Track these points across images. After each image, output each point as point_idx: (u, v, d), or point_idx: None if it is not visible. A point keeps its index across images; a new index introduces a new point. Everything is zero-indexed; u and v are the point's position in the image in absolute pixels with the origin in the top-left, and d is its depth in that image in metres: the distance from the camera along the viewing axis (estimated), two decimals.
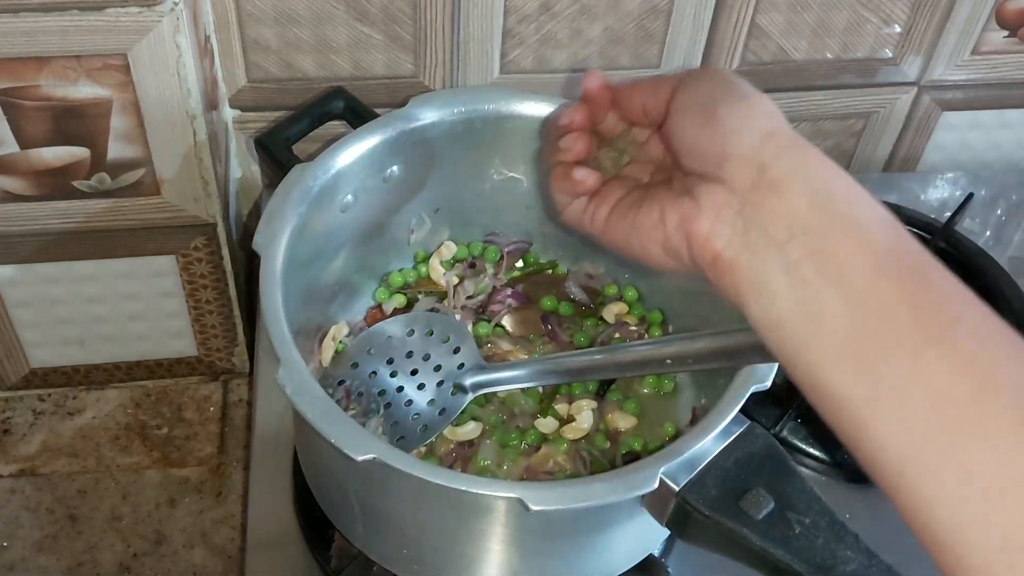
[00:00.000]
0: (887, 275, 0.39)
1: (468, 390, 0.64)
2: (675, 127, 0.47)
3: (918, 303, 0.39)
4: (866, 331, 0.39)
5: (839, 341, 0.39)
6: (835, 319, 0.39)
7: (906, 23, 0.82)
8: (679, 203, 0.45)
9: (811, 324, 0.40)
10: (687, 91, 0.48)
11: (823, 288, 0.40)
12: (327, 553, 0.66)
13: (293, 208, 0.60)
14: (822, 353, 0.39)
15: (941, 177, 0.92)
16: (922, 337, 0.38)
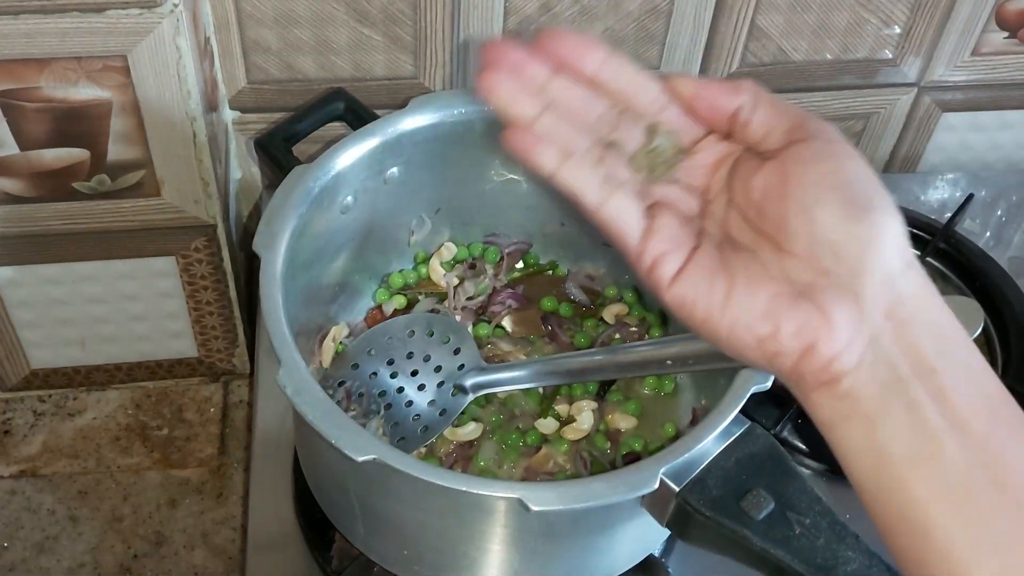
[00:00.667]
0: (999, 423, 0.40)
1: (468, 391, 0.64)
2: (807, 200, 0.41)
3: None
4: (979, 477, 0.39)
5: (950, 483, 0.39)
6: (951, 461, 0.39)
7: (906, 24, 0.82)
8: (800, 308, 0.40)
9: (923, 463, 0.40)
10: (822, 158, 0.41)
11: (944, 432, 0.39)
12: (327, 554, 0.67)
13: (293, 209, 0.60)
14: (929, 491, 0.40)
15: (941, 178, 0.92)
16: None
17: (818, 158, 0.41)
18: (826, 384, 0.41)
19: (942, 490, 0.39)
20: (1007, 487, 0.39)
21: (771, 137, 0.43)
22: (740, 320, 0.42)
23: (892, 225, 0.40)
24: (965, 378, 0.40)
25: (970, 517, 0.39)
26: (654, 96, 0.46)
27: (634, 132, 0.46)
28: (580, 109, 0.46)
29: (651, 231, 0.44)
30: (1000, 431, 0.40)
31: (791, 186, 0.41)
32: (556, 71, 0.46)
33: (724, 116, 0.45)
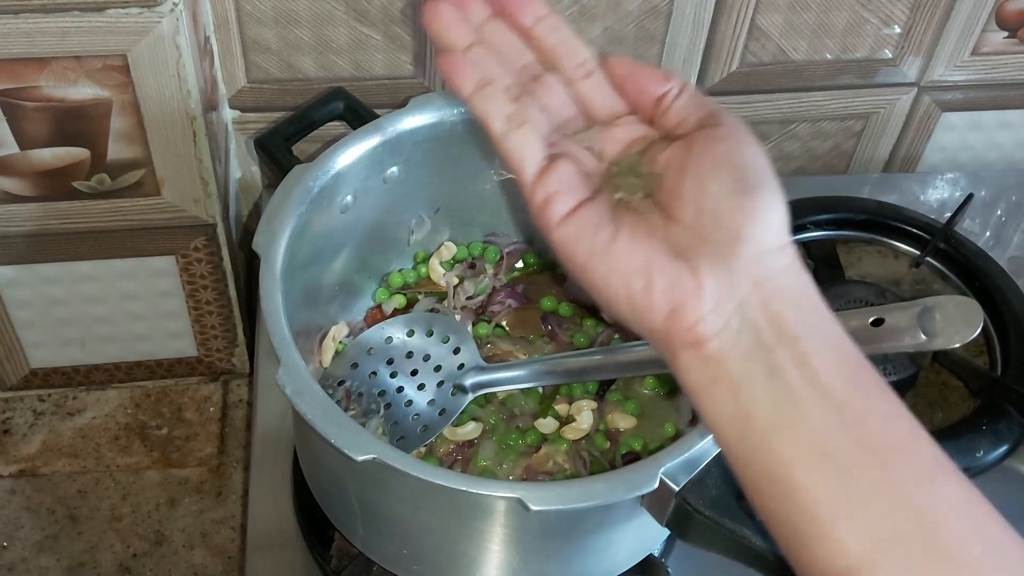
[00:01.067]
0: (860, 387, 0.42)
1: (468, 390, 0.64)
2: (702, 173, 0.43)
3: (887, 414, 0.42)
4: (842, 438, 0.41)
5: (814, 444, 0.41)
6: (814, 423, 0.41)
7: (906, 24, 0.82)
8: (674, 267, 0.42)
9: (787, 426, 0.41)
10: (724, 140, 0.44)
11: (805, 395, 0.41)
12: (327, 553, 0.67)
13: (293, 209, 0.60)
14: (793, 452, 0.41)
15: (941, 178, 0.92)
16: (892, 449, 0.41)
17: (721, 140, 0.44)
18: (691, 346, 0.42)
19: (806, 451, 0.41)
20: (868, 446, 0.41)
21: (685, 123, 0.46)
22: (616, 269, 0.44)
23: (775, 205, 0.43)
24: (826, 346, 0.42)
25: (833, 476, 0.40)
26: (582, 61, 0.48)
27: (555, 90, 0.48)
28: (509, 53, 0.48)
29: (549, 170, 0.46)
30: (860, 394, 0.41)
31: (691, 160, 0.44)
32: (495, 15, 0.48)
33: (650, 100, 0.47)
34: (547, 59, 0.48)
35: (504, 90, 0.47)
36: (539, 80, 0.48)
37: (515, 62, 0.48)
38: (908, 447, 0.42)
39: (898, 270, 0.85)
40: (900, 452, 0.41)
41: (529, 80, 0.48)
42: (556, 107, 0.48)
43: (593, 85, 0.48)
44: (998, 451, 0.72)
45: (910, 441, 0.42)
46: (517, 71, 0.48)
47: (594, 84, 0.48)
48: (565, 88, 0.48)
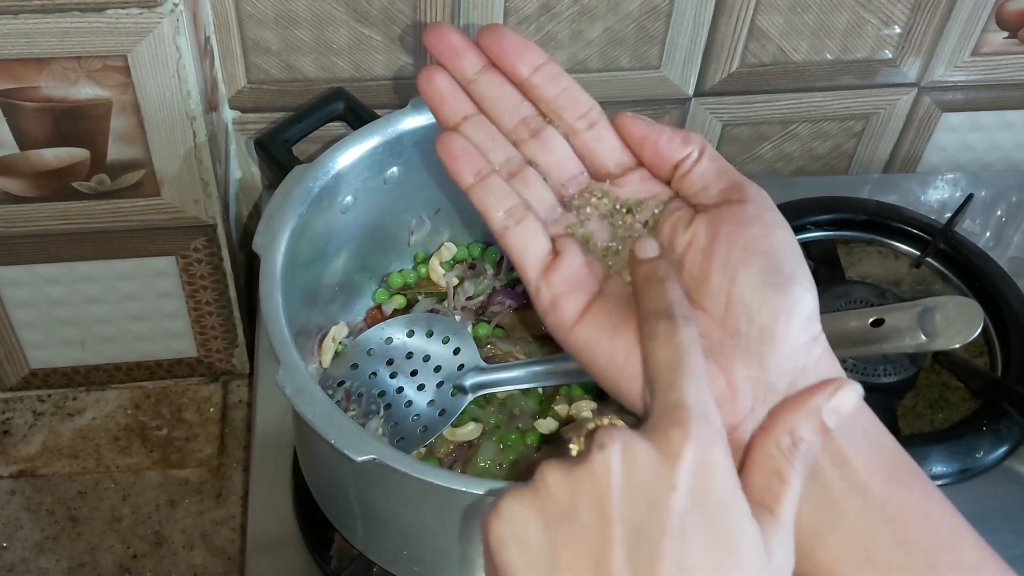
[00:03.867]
0: (900, 483, 0.41)
1: (468, 391, 0.64)
2: (732, 261, 0.41)
3: (927, 511, 0.41)
4: (883, 538, 0.40)
5: (856, 547, 0.40)
6: (854, 524, 0.40)
7: (906, 24, 0.82)
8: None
9: (829, 529, 0.40)
10: (753, 222, 0.41)
11: (845, 496, 0.40)
12: (327, 554, 0.66)
13: (293, 209, 0.60)
14: (836, 556, 0.40)
15: (941, 178, 0.92)
16: (931, 545, 0.40)
17: (750, 222, 0.42)
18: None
19: (848, 554, 0.40)
20: (909, 545, 0.40)
21: (707, 192, 0.43)
22: (631, 367, 0.42)
23: (807, 298, 0.41)
24: (864, 441, 0.41)
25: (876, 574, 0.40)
26: (585, 111, 0.46)
27: (556, 146, 0.46)
28: (506, 108, 0.46)
29: (553, 267, 0.44)
30: (899, 490, 0.41)
31: (719, 244, 0.41)
32: (490, 66, 0.47)
33: (667, 164, 0.45)
34: (547, 111, 0.46)
35: (499, 174, 0.46)
36: (539, 136, 0.46)
37: (513, 116, 0.46)
38: (950, 544, 0.41)
39: (898, 270, 0.85)
40: (942, 550, 0.40)
41: (529, 136, 0.46)
42: (559, 164, 0.46)
43: (598, 137, 0.46)
44: (998, 451, 0.72)
45: (952, 537, 0.41)
46: (515, 128, 0.46)
47: (599, 136, 0.46)
48: (567, 141, 0.46)
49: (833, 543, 0.40)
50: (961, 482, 0.72)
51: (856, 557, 0.40)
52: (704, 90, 0.84)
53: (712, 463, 0.36)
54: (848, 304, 0.78)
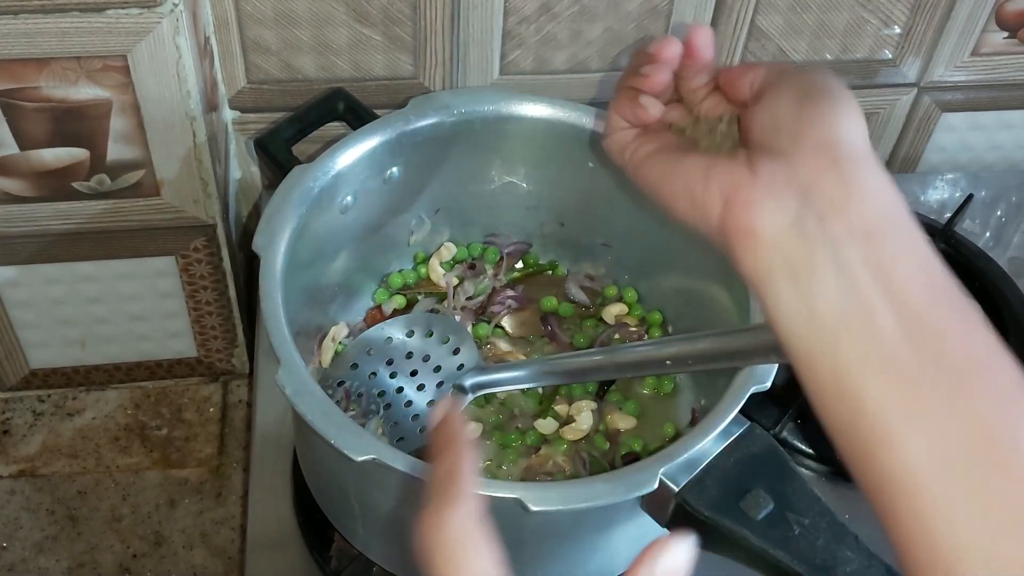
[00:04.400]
0: (941, 303, 0.40)
1: (468, 391, 0.64)
2: (767, 100, 0.45)
3: (968, 332, 0.40)
4: (915, 351, 0.39)
5: (884, 353, 0.39)
6: (884, 331, 0.39)
7: (906, 24, 0.82)
8: (732, 166, 0.44)
9: (855, 329, 0.39)
10: (792, 77, 0.46)
11: (876, 298, 0.39)
12: (327, 554, 0.67)
13: (293, 209, 0.60)
14: (862, 359, 0.39)
15: (941, 178, 0.92)
16: (969, 367, 0.39)
17: (794, 71, 0.46)
18: (746, 233, 0.42)
19: (875, 358, 0.39)
20: (943, 362, 0.39)
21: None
22: (681, 181, 0.46)
23: (839, 104, 0.43)
24: (905, 250, 0.41)
25: (903, 388, 0.39)
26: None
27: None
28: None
29: (643, 133, 0.53)
30: (940, 309, 0.40)
31: (767, 94, 0.46)
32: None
33: (745, 90, 0.49)
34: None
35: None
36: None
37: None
38: (987, 365, 0.39)
39: None
40: (978, 371, 0.39)
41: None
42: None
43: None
44: None
45: (990, 359, 0.40)
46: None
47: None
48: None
49: (858, 341, 0.39)
50: None
51: (882, 363, 0.39)
52: None
53: None
54: None
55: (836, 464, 0.72)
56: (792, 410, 0.73)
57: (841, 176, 0.41)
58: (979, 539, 0.37)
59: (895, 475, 0.38)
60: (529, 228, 0.74)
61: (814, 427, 0.72)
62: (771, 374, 0.55)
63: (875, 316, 0.39)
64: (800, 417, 0.73)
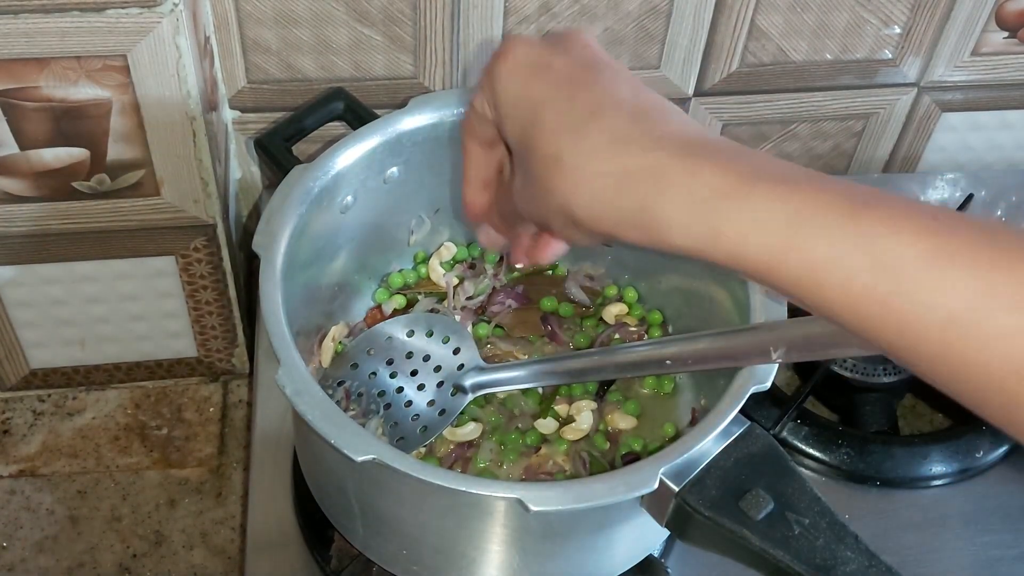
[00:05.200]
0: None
1: (468, 391, 0.64)
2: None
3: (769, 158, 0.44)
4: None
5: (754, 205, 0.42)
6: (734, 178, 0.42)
7: (906, 24, 0.82)
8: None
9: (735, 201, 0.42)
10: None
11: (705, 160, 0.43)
12: (327, 554, 0.67)
13: (293, 209, 0.60)
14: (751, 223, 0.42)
15: (941, 178, 0.92)
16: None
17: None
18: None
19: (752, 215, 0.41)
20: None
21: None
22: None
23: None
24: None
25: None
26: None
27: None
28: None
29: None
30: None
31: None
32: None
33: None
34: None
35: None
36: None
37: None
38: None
39: None
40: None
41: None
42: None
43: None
44: (998, 451, 0.72)
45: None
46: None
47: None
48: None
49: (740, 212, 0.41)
50: (961, 482, 0.72)
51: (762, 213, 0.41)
52: (704, 90, 0.84)
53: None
54: None
55: (836, 463, 0.72)
56: (792, 410, 0.73)
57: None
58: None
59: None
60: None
61: (814, 427, 0.73)
62: (771, 374, 0.55)
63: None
64: (800, 417, 0.73)
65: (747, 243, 0.41)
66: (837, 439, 0.72)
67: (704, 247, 0.42)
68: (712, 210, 0.42)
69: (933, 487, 0.72)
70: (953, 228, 0.38)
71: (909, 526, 0.70)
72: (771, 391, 0.56)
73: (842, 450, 0.72)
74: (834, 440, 0.72)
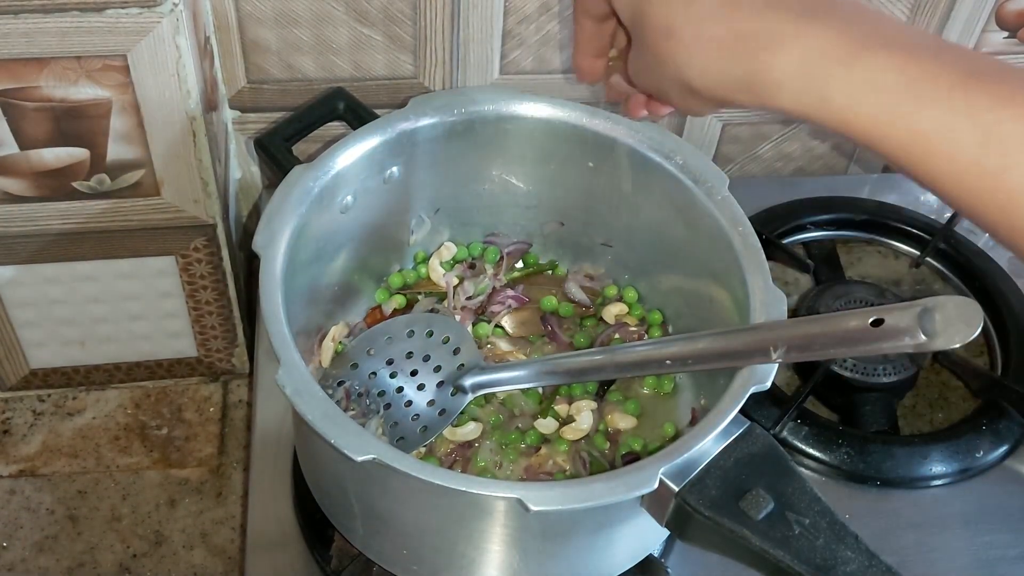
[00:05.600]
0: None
1: (468, 391, 0.64)
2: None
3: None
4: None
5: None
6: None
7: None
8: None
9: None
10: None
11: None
12: (327, 553, 0.67)
13: (293, 209, 0.60)
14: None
15: None
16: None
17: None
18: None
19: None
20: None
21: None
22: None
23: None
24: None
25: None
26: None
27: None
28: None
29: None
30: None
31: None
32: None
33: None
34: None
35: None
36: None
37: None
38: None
39: (898, 270, 0.85)
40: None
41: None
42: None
43: None
44: (998, 451, 0.72)
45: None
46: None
47: None
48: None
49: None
50: (961, 482, 0.72)
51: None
52: None
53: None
54: (848, 304, 0.78)
55: (836, 463, 0.72)
56: (792, 410, 0.73)
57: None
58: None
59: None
60: (529, 228, 0.74)
61: (814, 427, 0.73)
62: (771, 374, 0.55)
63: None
64: (800, 417, 0.73)
65: (856, 110, 0.41)
66: (837, 439, 0.72)
67: (814, 111, 0.42)
68: (822, 74, 0.41)
69: (933, 487, 0.72)
70: None
71: (909, 526, 0.70)
72: (771, 391, 0.56)
73: (842, 450, 0.72)
74: (834, 440, 0.72)
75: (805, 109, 0.43)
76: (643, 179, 0.66)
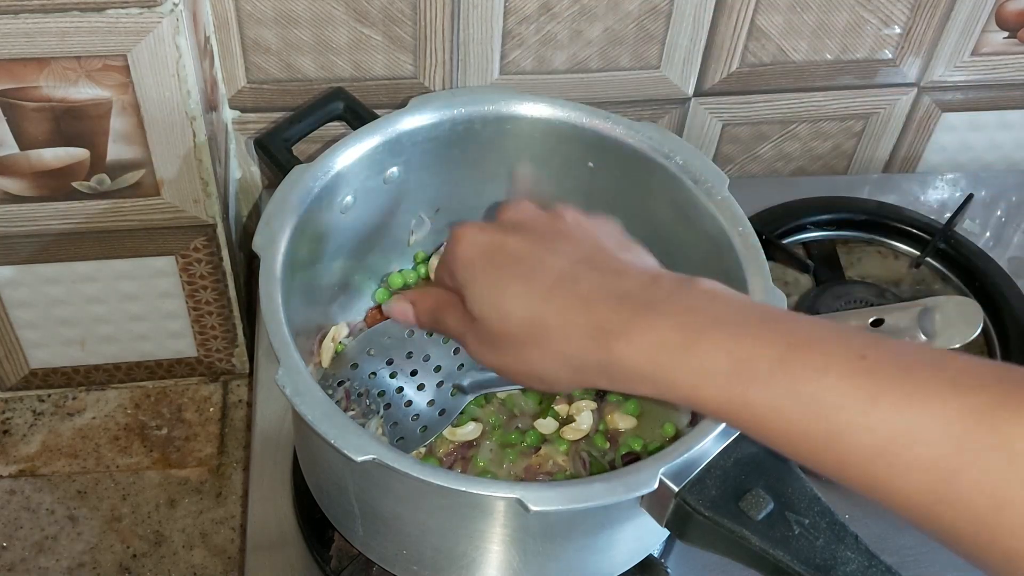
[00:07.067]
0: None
1: (468, 391, 0.64)
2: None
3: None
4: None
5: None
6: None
7: (906, 24, 0.82)
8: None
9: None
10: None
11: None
12: (327, 554, 0.67)
13: (293, 209, 0.60)
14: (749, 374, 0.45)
15: (941, 178, 0.92)
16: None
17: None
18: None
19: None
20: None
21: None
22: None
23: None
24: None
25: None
26: None
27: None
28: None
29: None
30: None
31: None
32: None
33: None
34: None
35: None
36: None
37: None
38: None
39: (898, 270, 0.85)
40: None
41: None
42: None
43: None
44: None
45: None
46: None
47: None
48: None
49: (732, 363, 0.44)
50: None
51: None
52: (704, 90, 0.84)
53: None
54: (848, 304, 0.78)
55: None
56: None
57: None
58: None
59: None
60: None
61: None
62: None
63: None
64: None
65: (699, 393, 0.45)
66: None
67: (667, 395, 0.46)
68: (667, 363, 0.45)
69: None
70: (876, 365, 0.41)
71: (909, 526, 0.70)
72: None
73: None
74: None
75: (661, 393, 0.46)
76: (643, 179, 0.66)
